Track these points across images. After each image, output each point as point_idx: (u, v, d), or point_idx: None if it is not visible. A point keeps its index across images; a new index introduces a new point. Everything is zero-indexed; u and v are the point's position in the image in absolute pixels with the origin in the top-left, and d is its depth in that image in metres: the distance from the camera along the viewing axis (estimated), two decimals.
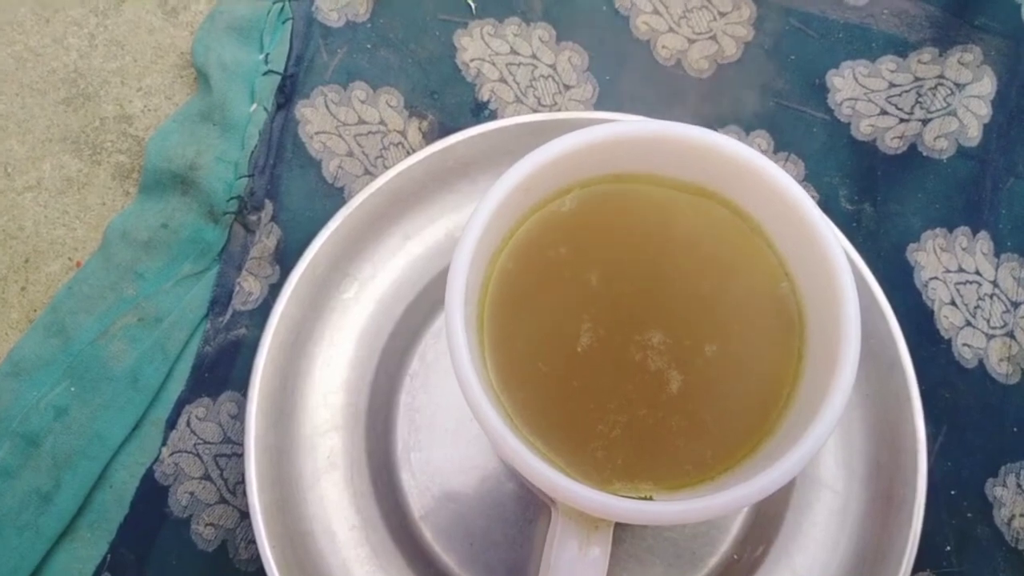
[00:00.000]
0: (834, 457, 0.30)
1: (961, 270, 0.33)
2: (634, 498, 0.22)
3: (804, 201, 0.24)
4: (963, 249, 0.33)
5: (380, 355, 0.31)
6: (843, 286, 0.22)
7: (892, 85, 0.35)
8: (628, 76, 0.36)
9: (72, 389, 0.31)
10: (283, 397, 0.29)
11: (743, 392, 0.24)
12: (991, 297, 0.33)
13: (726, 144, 0.24)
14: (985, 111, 0.35)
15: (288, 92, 0.34)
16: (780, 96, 0.35)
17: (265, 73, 0.35)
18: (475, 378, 0.21)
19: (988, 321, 0.33)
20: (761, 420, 0.24)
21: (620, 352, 0.24)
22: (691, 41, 0.36)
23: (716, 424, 0.24)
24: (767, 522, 0.30)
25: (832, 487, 0.30)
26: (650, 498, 0.22)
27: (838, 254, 0.23)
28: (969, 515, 0.31)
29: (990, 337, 0.33)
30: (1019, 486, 0.31)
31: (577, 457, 0.23)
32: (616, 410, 0.24)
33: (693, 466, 0.23)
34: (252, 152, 0.33)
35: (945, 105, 0.35)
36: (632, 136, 0.25)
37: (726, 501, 0.20)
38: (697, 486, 0.23)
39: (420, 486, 0.30)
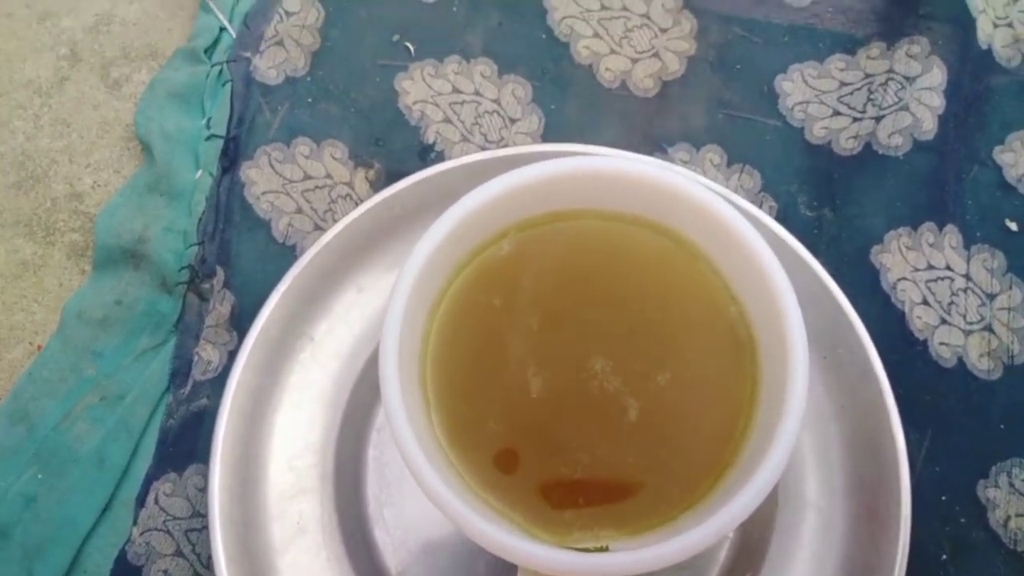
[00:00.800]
0: (815, 475, 0.29)
1: (930, 267, 0.32)
2: (589, 550, 0.21)
3: (737, 221, 0.23)
4: (930, 245, 0.32)
5: (344, 412, 0.30)
6: (784, 302, 0.22)
7: (843, 84, 0.35)
8: (573, 103, 0.35)
9: (39, 476, 0.31)
10: (246, 467, 0.29)
11: (700, 423, 0.24)
12: (965, 292, 0.32)
13: (653, 172, 0.24)
14: (938, 102, 0.34)
15: (232, 155, 0.34)
16: (729, 107, 0.35)
17: (208, 138, 0.34)
18: (414, 441, 0.21)
19: (964, 316, 0.32)
20: (720, 451, 0.23)
21: (572, 395, 0.24)
22: (634, 61, 0.36)
23: (674, 459, 0.23)
24: (753, 547, 0.29)
25: (815, 505, 0.29)
26: (606, 548, 0.21)
27: (775, 271, 0.22)
28: (963, 520, 0.30)
29: (968, 333, 0.32)
30: (1012, 485, 0.30)
31: (532, 510, 0.22)
32: (570, 456, 0.23)
33: (654, 506, 0.22)
34: (200, 219, 0.33)
35: (897, 100, 0.34)
36: (562, 173, 0.24)
37: (681, 547, 0.20)
38: (658, 528, 0.22)
39: (395, 542, 0.30)
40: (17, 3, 0.39)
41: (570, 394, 0.23)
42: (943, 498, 0.30)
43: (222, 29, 0.36)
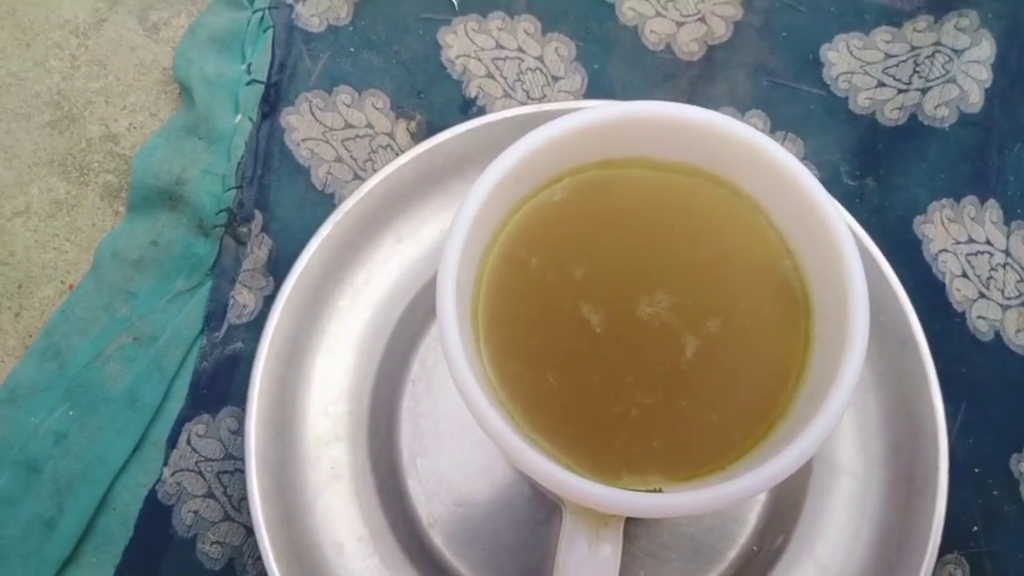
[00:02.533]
0: (851, 440, 0.29)
1: (971, 240, 0.32)
2: (643, 491, 0.21)
3: (802, 175, 0.23)
4: (972, 219, 0.32)
5: (380, 361, 0.30)
6: (848, 259, 0.22)
7: (888, 56, 0.35)
8: (617, 64, 0.35)
9: (70, 413, 0.31)
10: (282, 409, 0.29)
11: (752, 374, 0.23)
12: (1004, 267, 0.32)
13: (719, 121, 0.24)
14: (986, 76, 0.34)
15: (272, 101, 0.34)
16: (774, 74, 0.35)
17: (248, 83, 0.34)
18: (472, 377, 0.21)
19: (1002, 291, 0.32)
20: (771, 403, 0.23)
21: (624, 340, 0.23)
22: (679, 24, 0.35)
23: (726, 409, 0.23)
24: (786, 511, 0.29)
25: (851, 471, 0.29)
26: (659, 490, 0.21)
27: (840, 227, 0.22)
28: (995, 493, 0.30)
29: (1005, 308, 0.32)
30: None
31: (583, 453, 0.22)
32: (621, 400, 0.23)
33: (704, 455, 0.22)
34: (239, 163, 0.33)
35: (944, 72, 0.34)
36: (622, 118, 0.24)
37: (736, 490, 0.19)
38: (708, 476, 0.22)
39: (427, 492, 0.30)
40: None
41: (622, 339, 0.23)
42: (976, 470, 0.30)
43: None
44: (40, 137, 0.35)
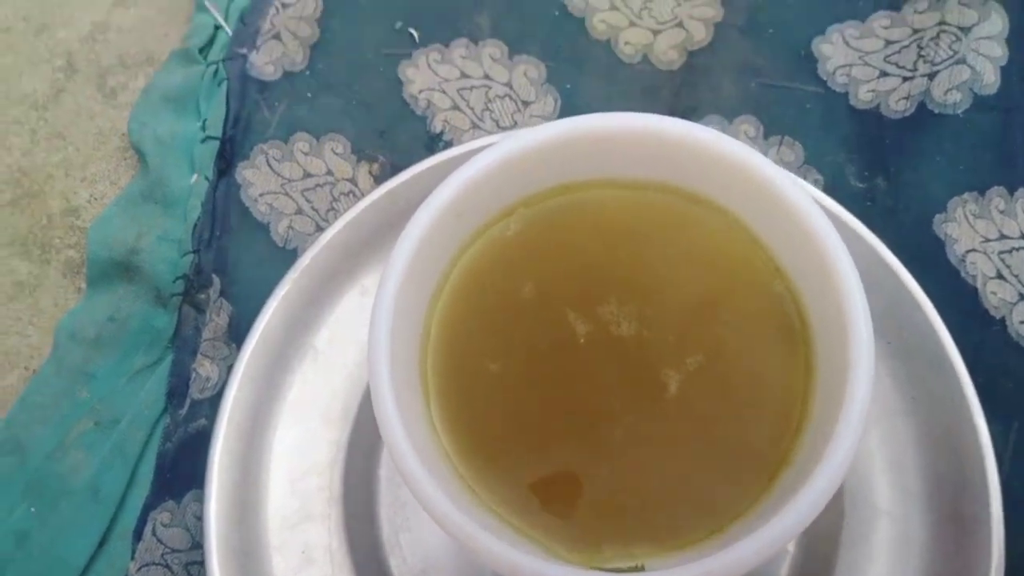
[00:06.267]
0: (886, 477, 0.26)
1: (1003, 236, 0.28)
2: (622, 570, 0.18)
3: (783, 182, 0.20)
4: (1000, 212, 0.29)
5: (351, 428, 0.28)
6: (840, 272, 0.18)
7: (888, 43, 0.31)
8: (590, 81, 0.32)
9: (32, 510, 0.29)
10: (245, 491, 0.26)
11: (748, 418, 0.20)
12: None
13: (687, 131, 0.21)
14: (1000, 52, 0.30)
15: (228, 157, 0.32)
16: (763, 75, 0.32)
17: (203, 140, 0.32)
18: (410, 449, 0.18)
19: None
20: (773, 449, 0.20)
21: (597, 389, 0.20)
22: (655, 32, 0.33)
23: (720, 460, 0.20)
24: (818, 563, 0.25)
25: (889, 513, 0.25)
26: (641, 568, 0.18)
27: (829, 237, 0.19)
28: None
29: None
30: None
31: (555, 525, 0.19)
32: (598, 460, 0.20)
33: (696, 516, 0.19)
34: (195, 225, 0.31)
35: (952, 53, 0.30)
36: (574, 135, 0.21)
37: (729, 562, 0.16)
38: (704, 542, 0.19)
39: (413, 571, 0.27)
40: (14, 17, 0.38)
41: (597, 386, 0.20)
42: None
43: (217, 27, 0.34)
44: (0, 217, 0.34)
